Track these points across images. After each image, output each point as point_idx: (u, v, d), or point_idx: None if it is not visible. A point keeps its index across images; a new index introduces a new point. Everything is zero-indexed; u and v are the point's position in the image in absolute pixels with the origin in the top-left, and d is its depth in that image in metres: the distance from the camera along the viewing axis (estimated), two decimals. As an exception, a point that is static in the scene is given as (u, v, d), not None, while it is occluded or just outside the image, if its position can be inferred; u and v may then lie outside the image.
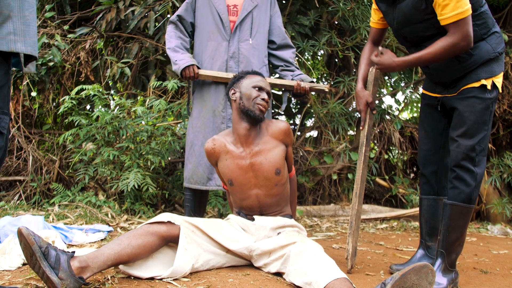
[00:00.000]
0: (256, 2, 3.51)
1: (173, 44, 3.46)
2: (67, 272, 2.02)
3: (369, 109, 2.94)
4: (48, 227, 3.23)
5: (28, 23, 1.82)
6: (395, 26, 2.77)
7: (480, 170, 2.61)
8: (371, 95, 2.93)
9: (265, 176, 2.73)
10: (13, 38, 1.76)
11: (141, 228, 2.37)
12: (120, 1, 4.92)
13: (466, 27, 2.45)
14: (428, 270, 1.99)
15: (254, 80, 2.80)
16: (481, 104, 2.58)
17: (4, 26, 1.74)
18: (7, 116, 1.81)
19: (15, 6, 1.77)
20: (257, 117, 2.72)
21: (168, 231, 2.38)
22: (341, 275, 2.14)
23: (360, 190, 2.92)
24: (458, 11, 2.42)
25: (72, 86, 5.08)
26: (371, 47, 3.04)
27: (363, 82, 2.99)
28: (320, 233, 4.21)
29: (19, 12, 1.78)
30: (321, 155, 5.43)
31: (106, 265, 2.18)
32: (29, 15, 1.82)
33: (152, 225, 2.38)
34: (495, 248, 3.92)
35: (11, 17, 1.76)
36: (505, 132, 5.58)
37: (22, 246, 2.05)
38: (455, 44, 2.48)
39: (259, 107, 2.72)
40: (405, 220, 5.06)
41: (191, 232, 2.45)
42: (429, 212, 2.92)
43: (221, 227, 2.61)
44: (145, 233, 2.34)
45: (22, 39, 1.79)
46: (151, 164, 4.19)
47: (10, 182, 5.05)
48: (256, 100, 2.73)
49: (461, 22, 2.44)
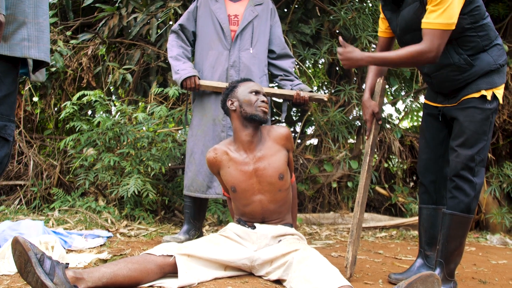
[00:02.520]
0: (256, 12, 3.52)
1: (174, 53, 3.47)
2: (62, 279, 2.01)
3: (375, 119, 2.96)
4: (48, 232, 3.23)
5: (42, 30, 1.82)
6: (398, 33, 2.79)
7: (479, 180, 2.61)
8: (377, 106, 2.95)
9: (268, 181, 2.73)
10: (27, 44, 1.77)
11: (139, 256, 2.37)
12: (123, 8, 4.94)
13: (440, 40, 2.48)
14: (434, 279, 1.99)
15: (249, 86, 2.82)
16: (481, 115, 2.58)
17: (19, 32, 1.75)
18: (13, 124, 1.82)
19: (29, 12, 1.77)
20: (262, 119, 2.74)
21: (165, 260, 2.35)
22: (346, 283, 2.13)
23: (362, 199, 2.92)
24: (440, 21, 2.44)
25: (74, 91, 5.09)
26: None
27: (370, 93, 3.01)
28: (319, 241, 4.20)
29: (33, 18, 1.79)
30: (321, 163, 5.43)
31: (101, 281, 2.14)
32: (43, 21, 1.83)
33: (150, 255, 2.37)
34: (494, 258, 3.91)
35: (25, 23, 1.77)
36: (504, 142, 5.58)
37: (17, 255, 2.03)
38: (422, 53, 2.50)
39: (262, 109, 2.74)
40: (404, 229, 5.05)
41: (187, 258, 2.42)
42: (428, 222, 2.91)
43: (217, 244, 2.58)
44: (143, 260, 2.32)
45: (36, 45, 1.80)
46: (151, 170, 4.19)
47: (10, 186, 5.05)
48: (257, 103, 2.75)
49: (437, 33, 2.46)
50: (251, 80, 2.92)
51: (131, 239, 3.61)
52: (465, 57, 2.58)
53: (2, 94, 1.75)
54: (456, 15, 2.43)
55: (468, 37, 2.56)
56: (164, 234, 3.81)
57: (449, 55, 2.61)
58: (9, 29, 1.73)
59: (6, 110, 1.78)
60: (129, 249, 3.21)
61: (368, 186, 3.00)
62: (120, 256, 2.99)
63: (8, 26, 1.72)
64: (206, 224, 4.53)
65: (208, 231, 4.18)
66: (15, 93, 1.82)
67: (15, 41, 1.74)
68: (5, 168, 1.84)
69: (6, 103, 1.78)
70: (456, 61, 2.60)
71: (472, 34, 2.55)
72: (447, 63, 2.62)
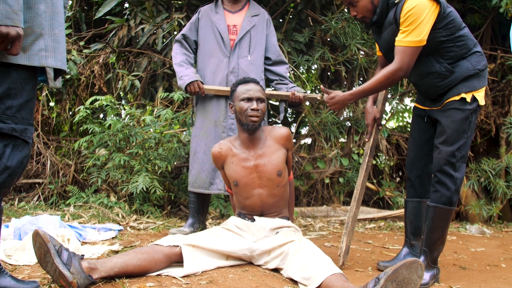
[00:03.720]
0: (253, 22, 3.53)
1: (178, 59, 3.48)
2: (78, 269, 2.02)
3: (376, 124, 3.00)
4: (64, 226, 3.23)
5: (58, 40, 1.83)
6: (383, 52, 2.84)
7: (460, 175, 2.62)
8: (379, 112, 3.01)
9: (267, 177, 2.74)
10: (44, 54, 1.78)
11: (147, 246, 2.38)
12: (131, 19, 4.93)
13: (409, 57, 2.54)
14: (418, 265, 2.00)
15: (242, 91, 2.77)
16: (461, 114, 2.60)
17: (36, 43, 1.76)
18: (32, 127, 1.83)
19: (46, 25, 1.78)
20: (250, 128, 2.72)
21: (172, 250, 2.36)
22: (337, 271, 2.15)
23: (359, 195, 2.94)
24: (409, 39, 2.50)
25: (87, 97, 5.09)
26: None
27: (373, 100, 3.07)
28: (314, 233, 4.20)
29: (49, 30, 1.80)
30: (314, 160, 5.43)
31: (113, 271, 2.16)
32: (59, 33, 1.84)
33: (157, 245, 2.38)
34: (473, 246, 3.92)
35: (42, 35, 1.77)
36: (482, 140, 5.59)
37: (37, 246, 2.05)
38: (394, 72, 2.57)
39: (251, 119, 2.71)
40: (391, 221, 5.06)
41: (191, 248, 2.43)
42: (413, 214, 2.92)
43: (219, 236, 2.59)
44: (151, 250, 2.33)
45: (53, 54, 1.81)
46: (158, 169, 4.19)
47: (30, 184, 5.05)
48: (246, 112, 2.71)
49: (407, 50, 2.53)
50: (249, 82, 2.83)
51: (140, 232, 3.61)
52: (446, 65, 2.60)
53: (23, 100, 1.76)
54: (424, 33, 2.48)
55: (446, 48, 2.58)
56: (171, 227, 3.81)
57: (430, 64, 2.63)
58: (27, 40, 1.73)
59: (26, 114, 1.79)
60: (138, 241, 3.21)
61: (365, 184, 3.02)
62: (130, 248, 2.99)
63: (27, 38, 1.73)
64: (209, 218, 4.53)
65: (211, 224, 4.18)
66: (34, 99, 1.83)
67: (33, 52, 1.75)
68: (25, 168, 1.84)
69: (27, 108, 1.79)
70: (438, 69, 2.62)
71: (450, 45, 2.58)
72: (429, 71, 2.64)
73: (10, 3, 1.59)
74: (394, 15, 2.58)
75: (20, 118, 1.76)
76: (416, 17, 2.46)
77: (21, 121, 1.76)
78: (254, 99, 2.75)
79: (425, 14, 2.46)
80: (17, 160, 1.76)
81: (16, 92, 1.74)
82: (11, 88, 1.72)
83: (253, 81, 2.85)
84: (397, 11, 2.54)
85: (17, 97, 1.74)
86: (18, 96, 1.74)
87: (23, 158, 1.78)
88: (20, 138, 1.77)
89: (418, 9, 2.45)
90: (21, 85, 1.74)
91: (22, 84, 1.75)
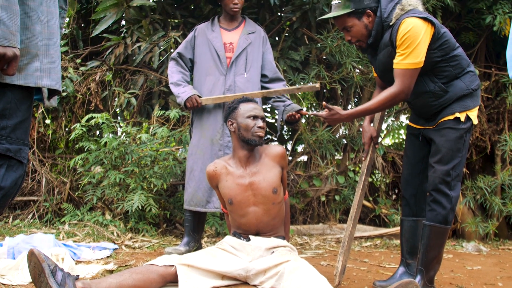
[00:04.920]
0: (250, 40, 3.55)
1: (175, 78, 3.49)
2: None
3: (373, 143, 3.00)
4: (58, 245, 3.21)
5: (53, 61, 1.84)
6: (379, 73, 2.86)
7: (455, 193, 2.63)
8: (376, 131, 3.01)
9: (263, 194, 2.73)
10: (39, 75, 1.78)
11: (142, 266, 2.37)
12: (128, 37, 4.96)
13: (410, 79, 2.56)
14: (413, 285, 1.99)
15: (248, 109, 2.79)
16: (455, 134, 2.61)
17: (32, 64, 1.76)
18: (27, 147, 1.82)
19: (42, 45, 1.79)
20: (257, 143, 2.74)
21: (166, 270, 2.35)
22: (333, 291, 2.14)
23: (355, 214, 2.93)
24: (408, 61, 2.52)
25: (83, 114, 5.09)
26: (379, 91, 3.05)
27: (370, 119, 3.08)
28: (310, 251, 4.19)
29: (45, 51, 1.80)
30: (310, 178, 5.43)
31: None
32: (54, 53, 1.85)
33: (152, 265, 2.37)
34: (470, 264, 3.91)
35: (38, 55, 1.78)
36: (477, 157, 5.60)
37: (32, 265, 2.04)
38: (396, 95, 2.59)
39: (258, 135, 2.73)
40: (387, 238, 5.04)
41: (187, 268, 2.42)
42: (409, 232, 2.92)
43: (215, 256, 2.58)
44: (146, 270, 2.32)
45: (48, 75, 1.81)
46: (154, 187, 4.18)
47: (24, 201, 5.02)
48: (253, 129, 2.73)
49: (407, 73, 2.55)
50: (252, 101, 2.88)
51: (136, 251, 3.58)
52: (440, 84, 2.62)
53: (18, 120, 1.76)
54: (422, 54, 2.50)
55: (441, 68, 2.61)
56: (166, 245, 3.79)
57: (425, 84, 2.65)
58: (23, 61, 1.74)
59: (21, 134, 1.78)
60: (133, 260, 3.19)
61: (362, 203, 3.01)
62: (125, 267, 2.97)
63: (22, 59, 1.74)
64: (204, 236, 4.51)
65: (207, 243, 4.16)
66: (29, 119, 1.83)
67: (28, 72, 1.75)
68: (20, 188, 1.83)
69: (22, 128, 1.78)
70: (432, 88, 2.64)
71: (444, 65, 2.60)
72: (424, 90, 2.66)
73: (8, 24, 1.60)
74: (389, 37, 2.60)
75: (15, 138, 1.75)
76: (413, 39, 2.48)
77: (15, 141, 1.75)
78: (259, 117, 2.79)
79: (421, 36, 2.48)
80: (11, 181, 1.75)
81: (11, 112, 1.73)
82: (5, 109, 1.72)
83: (254, 101, 2.90)
84: (393, 33, 2.56)
85: (12, 117, 1.74)
86: (13, 116, 1.74)
87: (17, 178, 1.78)
88: (14, 158, 1.76)
89: (414, 31, 2.48)
90: (16, 105, 1.74)
91: (17, 104, 1.75)
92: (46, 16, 1.82)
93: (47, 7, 1.83)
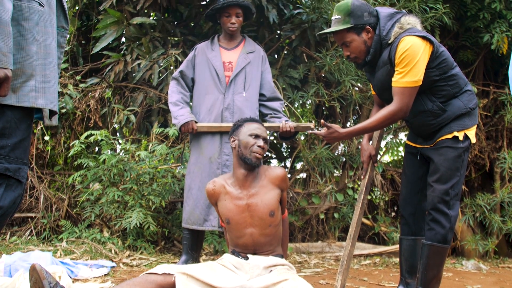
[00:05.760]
0: (249, 59, 3.58)
1: (174, 99, 3.52)
2: None
3: (371, 161, 3.01)
4: (55, 263, 3.20)
5: (49, 81, 1.85)
6: (377, 91, 2.88)
7: (454, 213, 2.63)
8: (374, 149, 3.02)
9: (259, 217, 2.73)
10: (34, 95, 1.79)
11: (141, 277, 2.36)
12: (128, 54, 4.99)
13: (409, 97, 2.58)
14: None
15: (251, 128, 2.81)
16: (454, 153, 2.62)
17: (27, 84, 1.77)
18: (27, 166, 1.83)
19: (37, 66, 1.80)
20: (253, 164, 2.74)
21: (165, 279, 2.35)
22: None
23: (354, 233, 2.93)
24: (407, 80, 2.54)
25: (82, 131, 5.10)
26: (378, 109, 3.07)
27: (368, 138, 3.10)
28: (308, 269, 4.16)
29: (41, 71, 1.81)
30: (309, 196, 5.42)
31: None
32: (50, 73, 1.86)
33: (150, 275, 2.36)
34: (469, 282, 3.89)
35: (33, 75, 1.79)
36: (476, 175, 5.61)
37: (33, 281, 2.05)
38: (395, 113, 2.61)
39: (255, 155, 2.73)
40: (387, 256, 5.02)
41: (186, 278, 2.41)
42: (408, 252, 2.91)
43: (213, 269, 2.57)
44: (144, 281, 2.32)
45: (43, 95, 1.82)
46: (152, 204, 4.18)
47: (22, 218, 5.01)
48: (252, 148, 2.74)
49: (405, 91, 2.57)
50: (257, 122, 2.90)
51: (133, 269, 3.57)
52: (438, 103, 2.64)
53: (17, 139, 1.77)
54: (421, 73, 2.52)
55: (439, 87, 2.63)
56: (164, 263, 3.77)
57: (423, 103, 2.67)
58: (18, 81, 1.75)
59: (20, 154, 1.79)
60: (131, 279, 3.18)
61: (361, 221, 3.01)
62: (123, 286, 2.95)
63: (17, 79, 1.74)
64: (203, 254, 4.49)
65: (205, 261, 4.14)
66: (29, 138, 1.84)
67: (23, 92, 1.76)
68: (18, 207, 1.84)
69: (21, 147, 1.79)
70: (430, 107, 2.65)
71: (442, 84, 2.62)
72: (422, 109, 2.68)
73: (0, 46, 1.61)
74: (388, 55, 2.62)
75: (14, 158, 1.76)
76: (411, 58, 2.50)
77: (15, 161, 1.76)
78: (261, 138, 2.79)
79: (420, 54, 2.50)
80: (10, 200, 1.76)
81: (11, 132, 1.74)
82: (5, 128, 1.73)
83: (259, 122, 2.92)
84: (392, 52, 2.59)
85: (11, 136, 1.74)
86: (12, 136, 1.75)
87: (16, 197, 1.78)
88: (13, 177, 1.76)
89: (413, 50, 2.50)
90: (15, 124, 1.75)
91: (17, 123, 1.76)
92: (43, 37, 1.83)
93: (44, 27, 1.84)
